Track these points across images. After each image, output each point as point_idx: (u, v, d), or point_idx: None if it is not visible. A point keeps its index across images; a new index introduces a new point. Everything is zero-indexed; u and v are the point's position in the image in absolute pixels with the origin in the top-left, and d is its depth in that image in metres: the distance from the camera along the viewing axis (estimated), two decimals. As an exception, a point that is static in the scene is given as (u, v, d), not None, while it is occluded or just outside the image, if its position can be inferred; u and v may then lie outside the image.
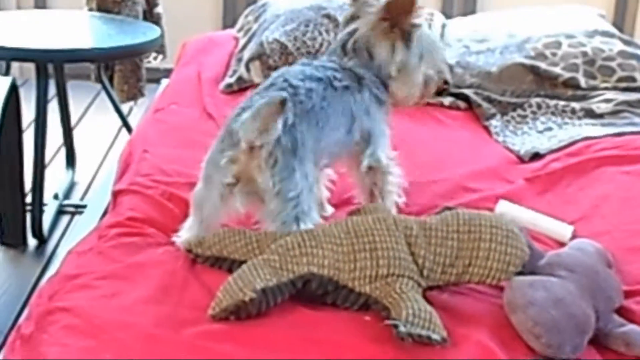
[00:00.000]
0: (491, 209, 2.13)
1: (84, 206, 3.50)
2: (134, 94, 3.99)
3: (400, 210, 2.14)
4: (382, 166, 2.11)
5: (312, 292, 1.73)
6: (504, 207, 2.20)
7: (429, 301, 1.71)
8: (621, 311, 1.79)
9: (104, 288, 1.76)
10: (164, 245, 1.95)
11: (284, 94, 1.84)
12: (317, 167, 1.98)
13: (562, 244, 2.03)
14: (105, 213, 2.34)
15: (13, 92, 2.94)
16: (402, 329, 1.59)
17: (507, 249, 1.74)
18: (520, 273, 1.76)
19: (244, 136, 1.82)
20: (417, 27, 2.10)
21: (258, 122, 1.80)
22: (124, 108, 4.09)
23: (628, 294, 1.84)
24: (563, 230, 2.13)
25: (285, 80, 1.96)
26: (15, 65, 4.40)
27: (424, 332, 1.60)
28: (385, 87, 2.12)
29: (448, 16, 3.91)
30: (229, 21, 4.81)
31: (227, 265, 1.83)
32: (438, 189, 2.33)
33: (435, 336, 1.60)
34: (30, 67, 4.26)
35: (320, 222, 1.93)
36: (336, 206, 2.20)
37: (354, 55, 2.09)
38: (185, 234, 1.96)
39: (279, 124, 1.81)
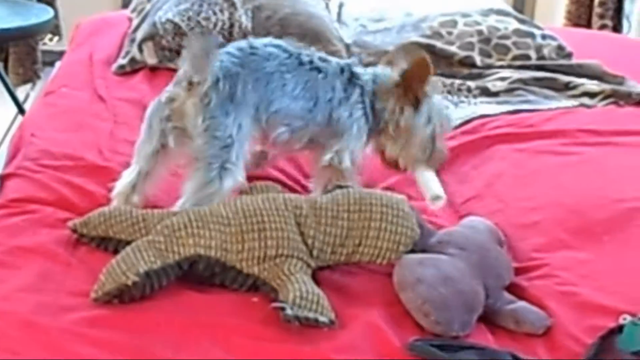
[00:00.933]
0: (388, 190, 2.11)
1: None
2: (30, 77, 3.91)
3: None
4: (342, 168, 2.09)
5: (199, 274, 1.70)
6: None
7: (318, 282, 1.69)
8: (512, 288, 1.80)
9: (-16, 275, 1.70)
10: (49, 226, 1.90)
11: (220, 38, 1.96)
12: (260, 127, 2.00)
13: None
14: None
15: None
16: (288, 311, 1.57)
17: (398, 229, 1.74)
18: (411, 251, 1.75)
19: (184, 73, 1.91)
20: (429, 96, 2.14)
21: (195, 58, 1.88)
22: (21, 92, 3.99)
23: (519, 271, 1.86)
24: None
25: (248, 42, 2.05)
26: None
27: (311, 315, 1.58)
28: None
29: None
30: (127, 1, 4.72)
31: (113, 245, 1.80)
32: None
33: (322, 318, 1.59)
34: None
35: (242, 181, 1.95)
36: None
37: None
38: (121, 182, 1.99)
39: (215, 64, 1.89)
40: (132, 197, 1.99)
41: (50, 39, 3.97)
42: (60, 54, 3.65)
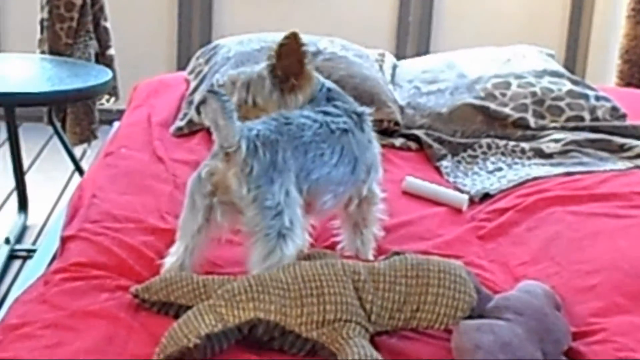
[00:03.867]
0: (444, 253, 2.12)
1: (36, 250, 3.46)
2: (87, 137, 3.97)
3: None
4: (374, 196, 2.18)
5: (258, 338, 1.72)
6: (410, 182, 2.59)
7: (376, 346, 1.70)
8: (570, 353, 1.79)
9: (48, 338, 1.73)
10: (110, 291, 1.93)
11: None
12: (302, 196, 1.97)
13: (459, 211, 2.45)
14: (54, 259, 2.31)
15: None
16: (348, 375, 1.58)
17: (455, 294, 1.75)
18: (468, 317, 1.76)
19: (218, 143, 1.90)
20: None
21: (214, 124, 1.87)
22: (77, 151, 4.06)
23: (577, 336, 1.85)
24: (459, 199, 2.53)
25: (279, 113, 2.04)
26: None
27: (370, 378, 1.60)
28: None
29: (402, 57, 3.95)
30: (183, 62, 4.80)
31: (174, 310, 1.82)
32: (392, 235, 2.31)
33: (381, 382, 1.60)
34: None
35: (306, 241, 2.00)
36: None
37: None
38: (169, 260, 1.98)
39: (233, 119, 1.86)
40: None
41: (108, 100, 4.04)
42: (117, 113, 3.72)
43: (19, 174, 3.80)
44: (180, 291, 1.82)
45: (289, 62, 2.10)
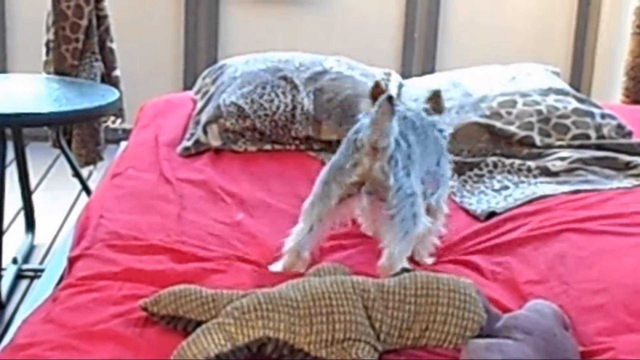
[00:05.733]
0: (450, 271, 2.13)
1: (43, 270, 3.47)
2: (93, 158, 3.98)
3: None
4: (440, 211, 2.36)
5: (267, 356, 1.73)
6: None
7: (385, 365, 1.71)
8: (578, 372, 1.80)
9: (55, 360, 1.74)
10: (117, 303, 1.94)
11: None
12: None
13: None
14: (62, 279, 2.32)
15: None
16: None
17: (465, 314, 1.75)
18: (477, 336, 1.76)
19: (367, 138, 2.10)
20: None
21: (376, 123, 2.08)
22: (84, 171, 4.07)
23: (584, 355, 1.85)
24: None
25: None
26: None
27: (378, 399, 1.60)
28: None
29: (407, 76, 3.96)
30: (189, 82, 4.82)
31: (183, 324, 1.83)
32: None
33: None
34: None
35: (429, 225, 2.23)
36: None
37: None
38: (292, 238, 2.17)
39: (394, 122, 2.09)
40: (303, 252, 2.17)
41: (113, 121, 4.05)
42: (124, 132, 3.74)
43: (27, 194, 3.81)
44: (189, 305, 1.83)
45: None
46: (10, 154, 3.45)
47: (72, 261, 2.25)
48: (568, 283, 2.16)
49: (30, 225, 3.86)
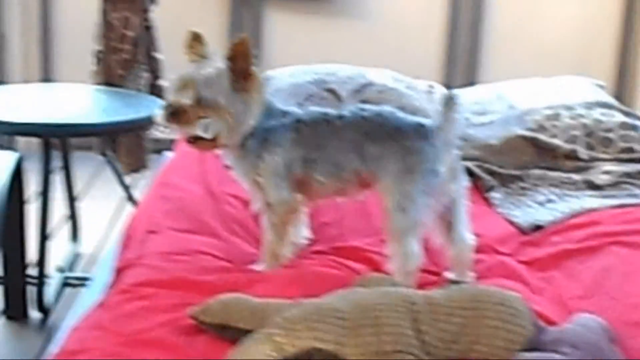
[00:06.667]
0: (496, 284, 2.13)
1: (88, 279, 3.50)
2: (138, 167, 4.01)
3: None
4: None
5: (315, 368, 1.73)
6: None
7: (432, 377, 1.71)
8: (625, 387, 1.79)
9: (105, 368, 1.76)
10: (166, 311, 1.96)
11: None
12: None
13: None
14: (109, 287, 2.35)
15: (18, 167, 2.96)
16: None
17: (513, 327, 1.75)
18: (524, 349, 1.76)
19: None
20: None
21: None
22: (128, 179, 4.11)
23: (632, 369, 1.85)
24: None
25: None
26: (20, 136, 4.43)
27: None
28: None
29: (449, 87, 3.96)
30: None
31: (231, 333, 1.84)
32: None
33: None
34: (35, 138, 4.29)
35: None
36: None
37: None
38: None
39: None
40: None
41: (159, 130, 4.07)
42: (167, 142, 3.75)
43: (71, 202, 3.85)
44: (239, 315, 1.84)
45: (240, 63, 2.15)
46: (55, 162, 3.48)
47: (120, 270, 2.27)
48: (615, 298, 2.16)
49: (75, 233, 3.89)
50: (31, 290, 3.30)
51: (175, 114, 2.13)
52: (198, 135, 2.17)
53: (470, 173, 2.97)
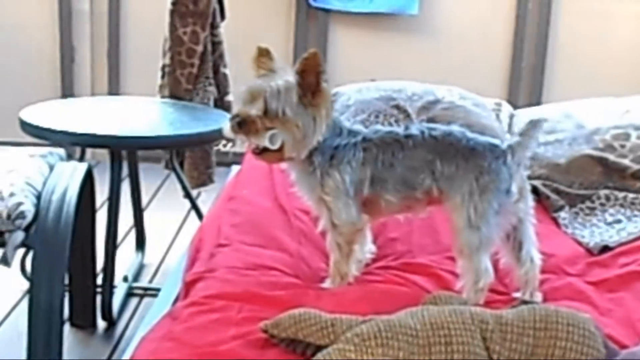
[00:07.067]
0: (564, 305, 2.13)
1: (153, 289, 3.55)
2: (204, 181, 4.05)
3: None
4: None
5: (386, 384, 1.75)
6: None
7: (502, 397, 1.72)
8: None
9: (176, 380, 1.78)
10: (237, 324, 1.98)
11: None
12: None
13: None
14: (177, 299, 2.38)
15: (88, 177, 3.00)
16: None
17: (584, 349, 1.75)
18: (595, 371, 1.76)
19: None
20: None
21: None
22: (193, 192, 4.15)
23: (702, 393, 1.84)
24: None
25: None
26: (89, 147, 4.50)
27: None
28: None
29: (514, 104, 3.96)
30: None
31: (302, 348, 1.86)
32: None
33: None
34: (104, 150, 4.34)
35: None
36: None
37: None
38: None
39: None
40: None
41: (225, 145, 4.12)
42: (235, 156, 3.80)
43: (138, 214, 3.90)
44: (309, 329, 1.86)
45: (310, 78, 2.16)
46: (123, 171, 3.53)
47: (189, 283, 2.30)
48: (685, 320, 2.14)
49: (140, 243, 3.94)
50: (98, 299, 3.35)
51: (243, 124, 2.15)
52: (264, 146, 2.18)
53: (535, 192, 2.97)
